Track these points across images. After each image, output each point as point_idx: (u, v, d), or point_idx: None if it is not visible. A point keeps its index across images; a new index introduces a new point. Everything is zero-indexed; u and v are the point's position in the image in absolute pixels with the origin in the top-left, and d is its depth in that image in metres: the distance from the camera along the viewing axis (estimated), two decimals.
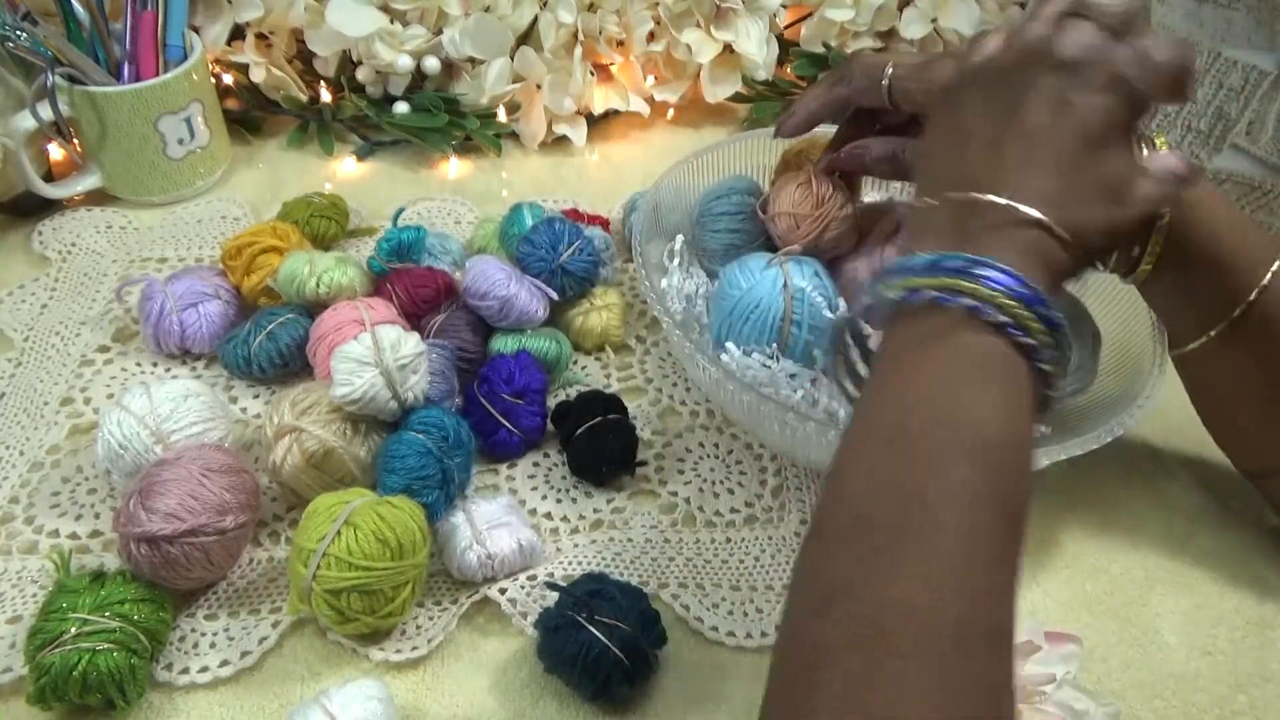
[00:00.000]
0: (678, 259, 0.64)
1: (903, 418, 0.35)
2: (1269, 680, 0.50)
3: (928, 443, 0.34)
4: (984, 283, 0.36)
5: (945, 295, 0.36)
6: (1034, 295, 0.36)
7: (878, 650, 0.30)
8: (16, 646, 0.46)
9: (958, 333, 0.36)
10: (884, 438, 0.35)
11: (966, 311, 0.35)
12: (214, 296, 0.62)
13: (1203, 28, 0.74)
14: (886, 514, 0.33)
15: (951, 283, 0.36)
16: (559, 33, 0.81)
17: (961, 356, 0.36)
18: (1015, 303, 0.35)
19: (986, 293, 0.35)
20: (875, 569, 0.32)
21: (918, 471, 0.34)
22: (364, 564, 0.45)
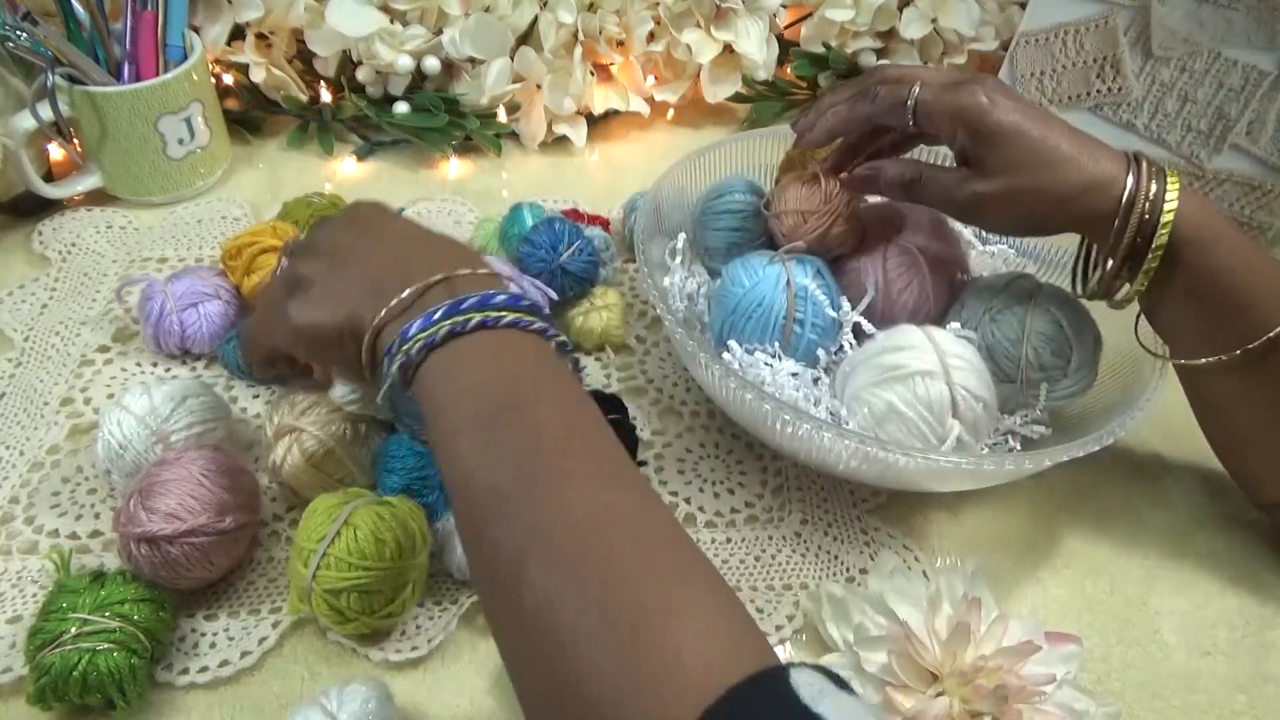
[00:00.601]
0: (679, 257, 0.64)
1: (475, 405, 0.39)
2: (1269, 680, 0.50)
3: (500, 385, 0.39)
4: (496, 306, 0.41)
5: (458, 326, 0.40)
6: (535, 304, 0.42)
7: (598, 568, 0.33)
8: (16, 646, 0.46)
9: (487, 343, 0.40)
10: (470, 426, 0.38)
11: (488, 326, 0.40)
12: (214, 296, 0.62)
13: (1203, 28, 0.74)
14: (515, 476, 0.36)
15: (466, 316, 0.40)
16: (559, 33, 0.81)
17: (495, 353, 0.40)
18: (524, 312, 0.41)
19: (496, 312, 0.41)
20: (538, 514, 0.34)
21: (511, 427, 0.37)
22: (363, 564, 0.45)
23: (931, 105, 0.51)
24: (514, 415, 0.37)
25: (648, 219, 0.61)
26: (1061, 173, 0.49)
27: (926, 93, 0.52)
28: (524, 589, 0.33)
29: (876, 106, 0.54)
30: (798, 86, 0.91)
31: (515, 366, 0.40)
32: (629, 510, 0.35)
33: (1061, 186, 0.49)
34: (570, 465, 0.36)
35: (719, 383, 0.53)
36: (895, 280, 0.59)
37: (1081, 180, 0.49)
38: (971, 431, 0.51)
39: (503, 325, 0.40)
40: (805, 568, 0.53)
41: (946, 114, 0.51)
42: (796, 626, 0.50)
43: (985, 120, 0.50)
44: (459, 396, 0.39)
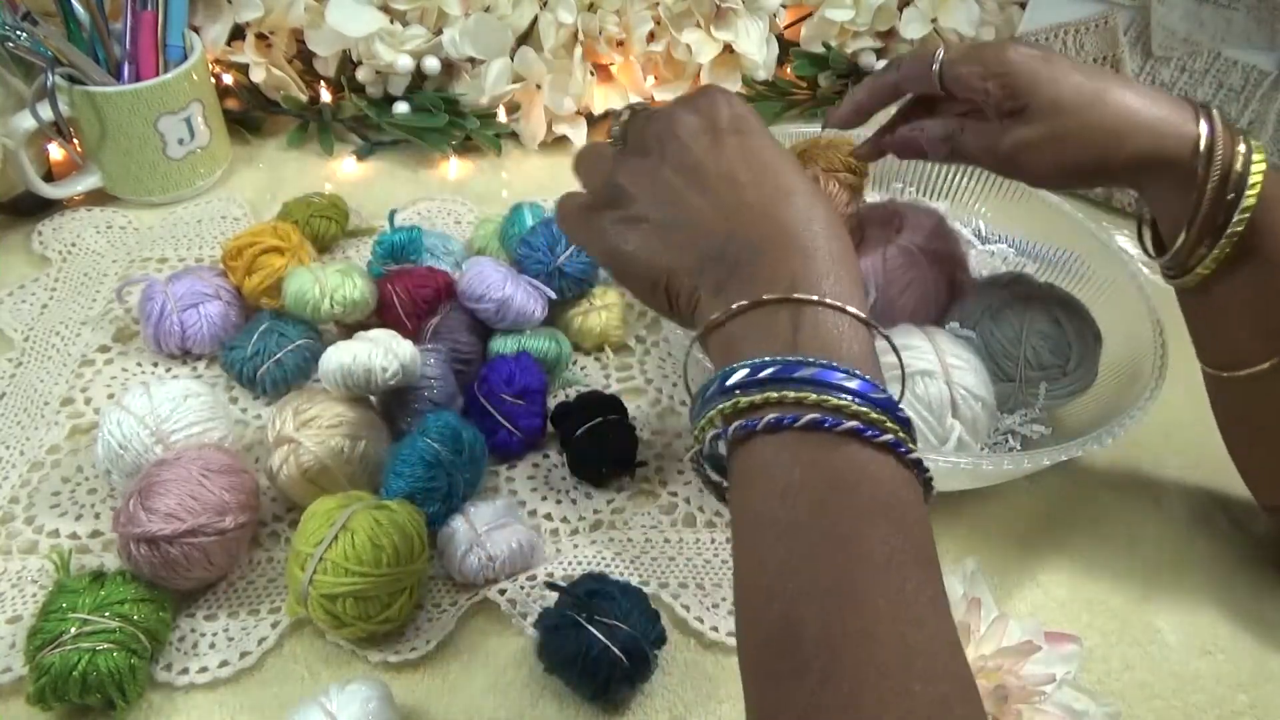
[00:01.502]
0: None
1: (790, 512, 0.31)
2: (1269, 680, 0.50)
3: (824, 523, 0.31)
4: (835, 393, 0.32)
5: (791, 416, 0.32)
6: (887, 400, 0.32)
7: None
8: (16, 646, 0.46)
9: (818, 452, 0.32)
10: (779, 535, 0.32)
11: (823, 428, 0.32)
12: (215, 297, 0.62)
13: (1203, 28, 0.74)
14: (816, 625, 0.30)
15: (800, 395, 0.32)
16: (559, 33, 0.81)
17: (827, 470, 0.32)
18: (869, 409, 0.32)
19: (836, 402, 0.32)
20: (830, 697, 0.29)
21: (824, 563, 0.31)
22: (360, 570, 0.45)
23: (958, 63, 0.49)
24: (828, 557, 0.31)
25: None
26: (1113, 109, 0.46)
27: (952, 52, 0.50)
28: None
29: (902, 73, 0.52)
30: (798, 86, 0.91)
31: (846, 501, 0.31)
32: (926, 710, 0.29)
33: (1113, 121, 0.46)
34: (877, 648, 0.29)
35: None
36: (895, 280, 0.59)
37: (1137, 117, 0.45)
38: (971, 431, 0.51)
39: (841, 432, 0.31)
40: None
41: (975, 70, 0.48)
42: None
43: (1018, 68, 0.47)
44: (769, 497, 0.32)
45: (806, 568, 0.31)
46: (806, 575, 0.31)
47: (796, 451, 0.32)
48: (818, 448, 0.32)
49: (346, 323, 0.61)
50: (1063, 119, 0.46)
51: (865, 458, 0.32)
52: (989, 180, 0.67)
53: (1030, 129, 0.47)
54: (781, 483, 0.32)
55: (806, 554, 0.31)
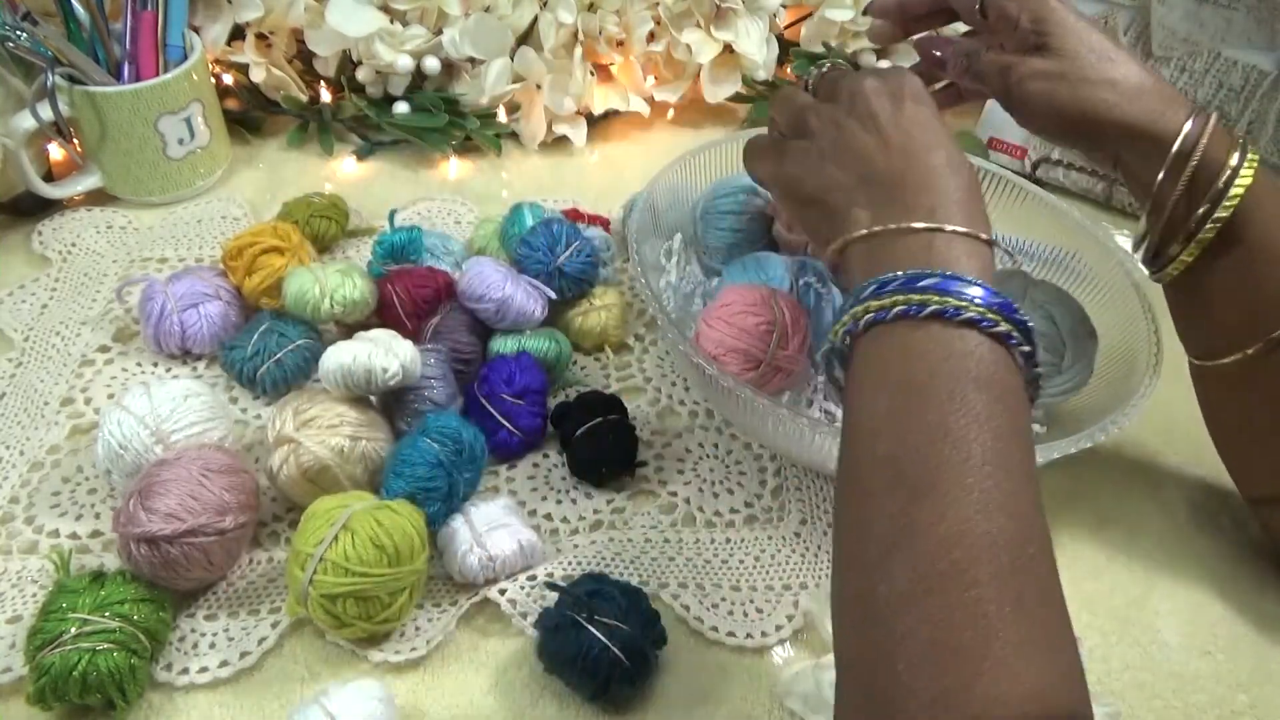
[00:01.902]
0: (675, 258, 0.64)
1: (906, 374, 0.37)
2: (1269, 680, 0.50)
3: (935, 383, 0.36)
4: (958, 295, 0.37)
5: (917, 306, 0.37)
6: (1006, 302, 0.37)
7: (951, 587, 0.32)
8: (16, 646, 0.46)
9: (937, 335, 0.37)
10: (891, 392, 0.37)
11: (943, 317, 0.37)
12: (215, 297, 0.62)
13: (1203, 28, 0.74)
14: (916, 455, 0.35)
15: (924, 298, 0.37)
16: (559, 33, 0.81)
17: (943, 346, 0.37)
18: (988, 310, 0.37)
19: (957, 303, 0.37)
20: (922, 511, 0.33)
21: (933, 410, 0.35)
22: (360, 570, 0.45)
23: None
24: (936, 405, 0.35)
25: (642, 220, 0.61)
26: (1121, 72, 0.49)
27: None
28: (879, 575, 0.33)
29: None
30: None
31: (955, 368, 0.36)
32: (1008, 538, 0.33)
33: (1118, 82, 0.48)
34: (969, 477, 0.34)
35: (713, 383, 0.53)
36: None
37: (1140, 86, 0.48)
38: None
39: (959, 321, 0.37)
40: (805, 568, 0.53)
41: (1014, 2, 0.51)
42: (796, 626, 0.50)
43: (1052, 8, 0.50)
44: (889, 365, 0.37)
45: (915, 410, 0.36)
46: (915, 417, 0.35)
47: (917, 333, 0.37)
48: (939, 332, 0.37)
49: (346, 323, 0.61)
50: (1076, 63, 0.49)
51: (976, 342, 0.36)
52: (988, 180, 0.67)
53: (1044, 62, 0.50)
54: (900, 350, 0.37)
55: (916, 402, 0.36)
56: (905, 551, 0.33)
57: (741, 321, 0.52)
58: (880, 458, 0.36)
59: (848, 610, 0.35)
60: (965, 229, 0.40)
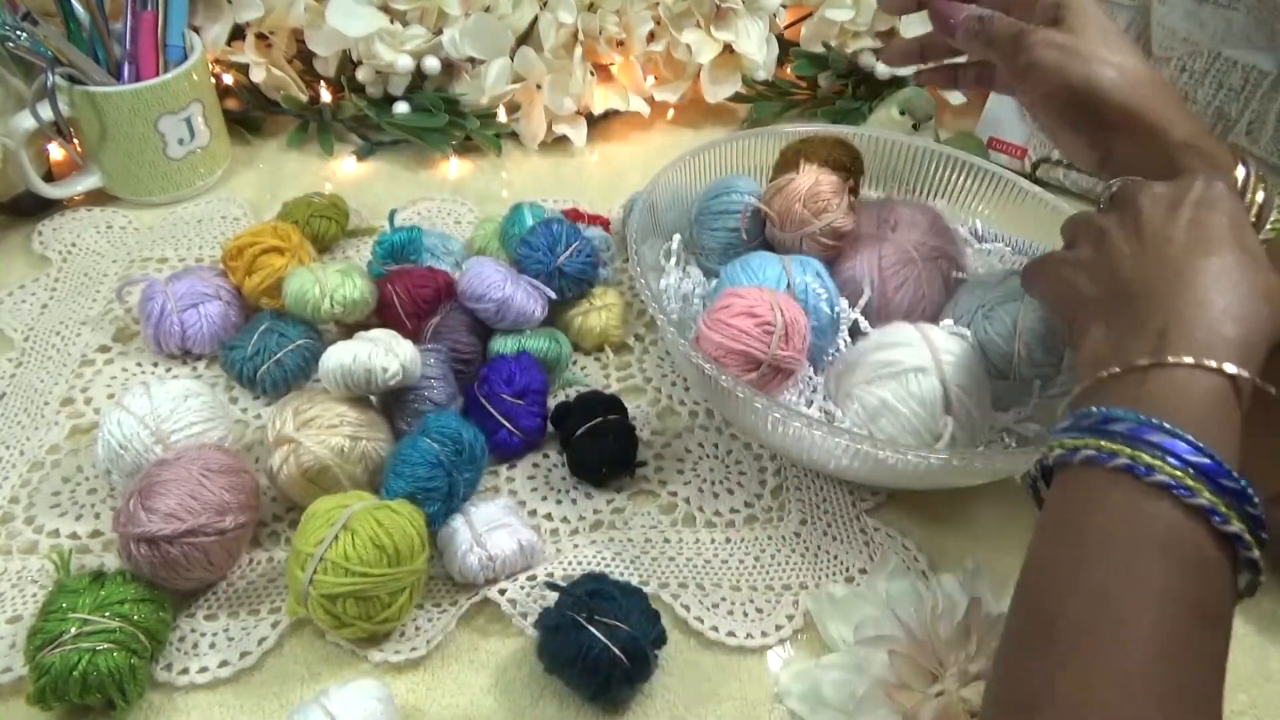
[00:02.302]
0: (674, 258, 0.64)
1: (1081, 524, 0.35)
2: (1269, 680, 0.50)
3: (1111, 537, 0.33)
4: (1152, 449, 0.34)
5: (1106, 455, 0.34)
6: (1215, 465, 0.33)
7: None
8: (16, 646, 0.46)
9: (1125, 492, 0.34)
10: (1067, 540, 0.35)
11: (1133, 474, 0.34)
12: (215, 297, 0.62)
13: (1203, 28, 0.74)
14: (1073, 612, 0.33)
15: (1114, 447, 0.34)
16: (559, 33, 0.81)
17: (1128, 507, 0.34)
18: (1187, 474, 0.33)
19: (1149, 460, 0.33)
20: (1070, 673, 0.32)
21: (1102, 566, 0.33)
22: (360, 570, 0.45)
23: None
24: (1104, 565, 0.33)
25: (642, 220, 0.61)
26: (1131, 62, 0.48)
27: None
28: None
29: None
30: (798, 86, 0.91)
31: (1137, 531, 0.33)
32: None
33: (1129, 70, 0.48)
34: (1118, 654, 0.31)
35: (712, 383, 0.53)
36: (891, 278, 0.59)
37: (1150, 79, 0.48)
38: (965, 428, 0.51)
39: (1151, 483, 0.33)
40: (805, 568, 0.53)
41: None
42: (796, 626, 0.50)
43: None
44: (1069, 511, 0.36)
45: (1082, 565, 0.33)
46: (1080, 573, 0.33)
47: (1102, 486, 0.35)
48: (1127, 488, 0.34)
49: (346, 323, 0.61)
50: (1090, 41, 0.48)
51: (1169, 509, 0.33)
52: (988, 180, 0.67)
53: (1060, 35, 0.49)
54: (1083, 500, 0.35)
55: (1085, 556, 0.34)
56: (1046, 709, 0.31)
57: (741, 322, 0.52)
58: (1044, 609, 0.34)
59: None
60: (1192, 359, 0.35)
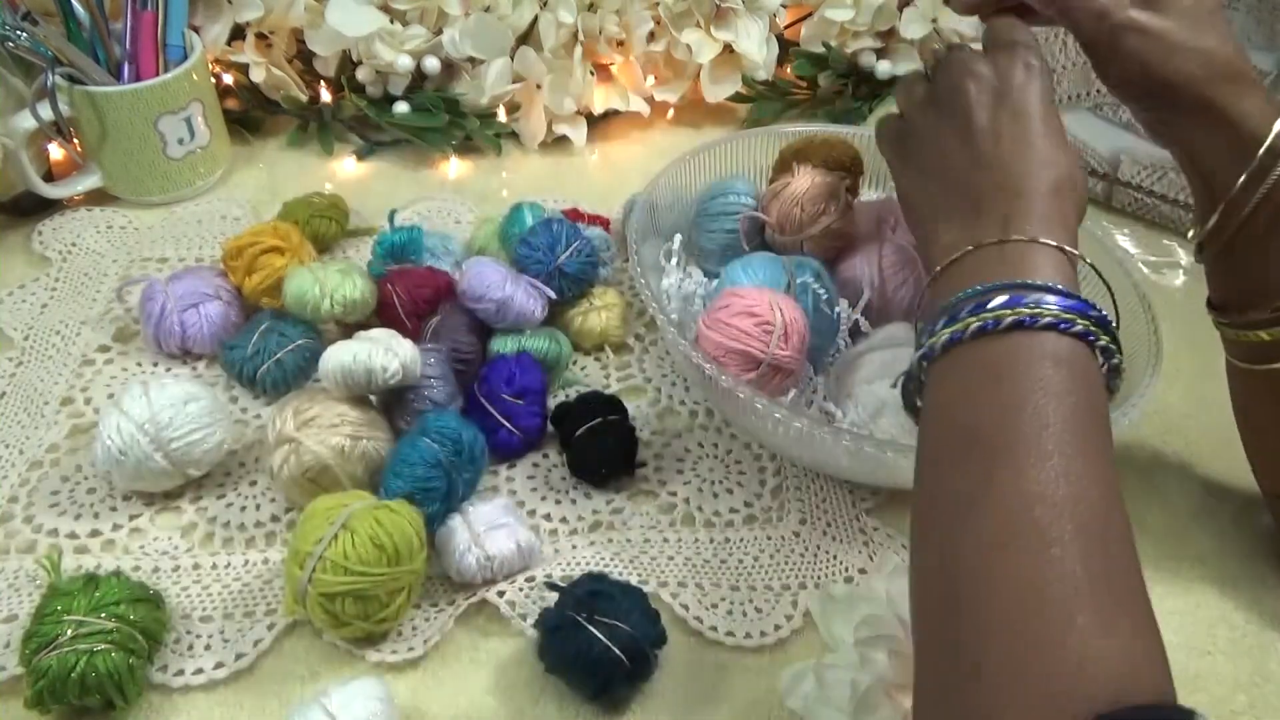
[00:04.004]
0: (675, 259, 0.64)
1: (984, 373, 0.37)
2: (1269, 680, 0.50)
3: (1014, 369, 0.37)
4: (1033, 304, 0.37)
5: (992, 321, 0.37)
6: (1082, 303, 0.38)
7: (1034, 544, 0.32)
8: (11, 646, 0.46)
9: (1017, 341, 0.37)
10: (970, 385, 0.38)
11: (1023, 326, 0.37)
12: (215, 297, 0.62)
13: None
14: (992, 424, 0.35)
15: (999, 314, 0.37)
16: (559, 33, 0.81)
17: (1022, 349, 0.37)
18: (1064, 312, 0.37)
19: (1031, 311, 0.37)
20: (1001, 470, 0.34)
21: (1008, 388, 0.36)
22: (360, 569, 0.45)
23: None
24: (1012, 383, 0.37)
25: (642, 220, 0.61)
26: (1225, 48, 0.47)
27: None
28: (962, 532, 0.34)
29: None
30: (798, 86, 0.91)
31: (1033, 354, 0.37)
32: (1090, 506, 0.34)
33: (1218, 55, 0.46)
34: (1049, 444, 0.35)
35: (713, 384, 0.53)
36: (891, 278, 0.59)
37: (1240, 67, 0.47)
38: None
39: (1039, 327, 0.37)
40: (805, 568, 0.53)
41: None
42: (796, 626, 0.50)
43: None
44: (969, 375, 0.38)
45: (990, 388, 0.37)
46: (990, 394, 0.36)
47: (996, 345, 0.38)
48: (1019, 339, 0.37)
49: (346, 323, 0.61)
50: (1179, 24, 0.47)
51: (1054, 340, 0.37)
52: None
53: (1147, 17, 0.47)
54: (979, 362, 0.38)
55: (992, 382, 0.37)
56: (986, 505, 0.34)
57: (740, 322, 0.52)
58: (958, 427, 0.37)
59: (930, 578, 0.35)
60: (1034, 238, 0.40)
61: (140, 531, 0.53)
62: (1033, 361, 0.37)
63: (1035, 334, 0.37)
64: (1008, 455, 0.34)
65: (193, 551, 0.52)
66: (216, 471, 0.56)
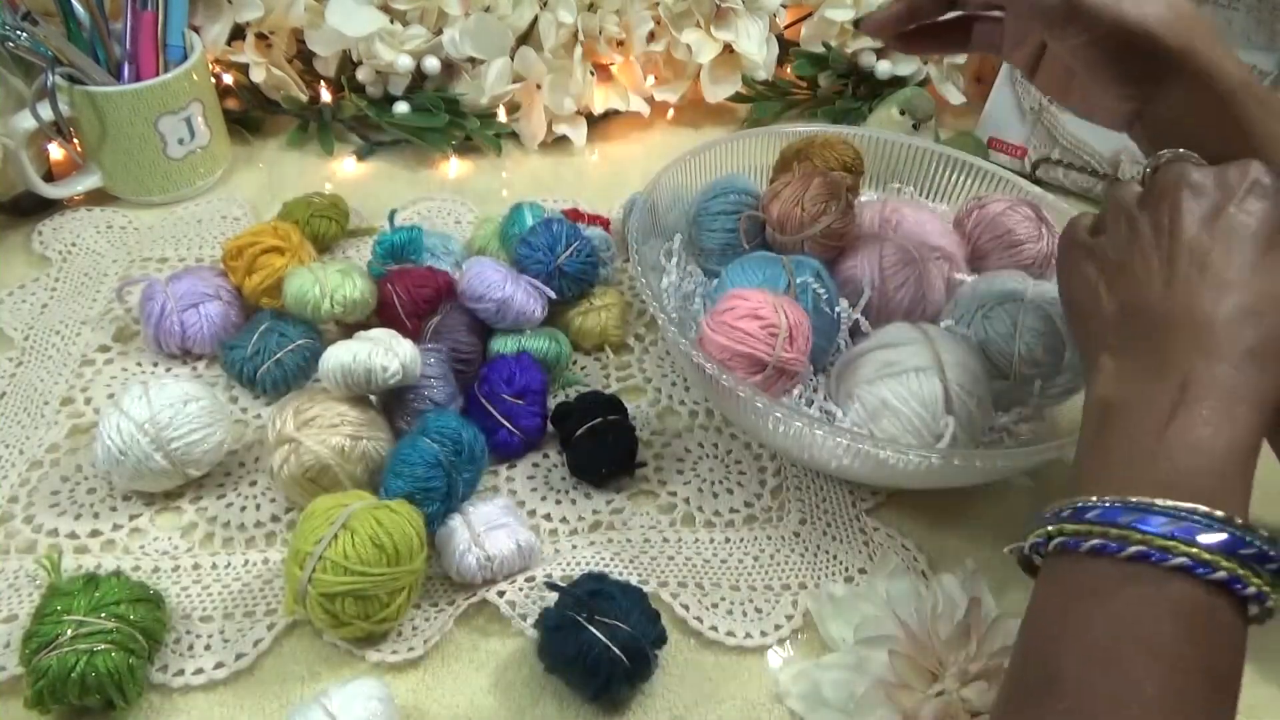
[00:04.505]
0: (675, 258, 0.64)
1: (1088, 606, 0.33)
2: (1269, 680, 0.50)
3: (1118, 602, 0.32)
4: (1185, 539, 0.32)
5: (1114, 544, 0.32)
6: (1240, 537, 0.32)
7: None
8: (11, 646, 0.46)
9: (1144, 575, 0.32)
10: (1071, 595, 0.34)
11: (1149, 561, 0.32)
12: (215, 297, 0.62)
13: None
14: (1076, 668, 0.31)
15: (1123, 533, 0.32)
16: (559, 33, 0.81)
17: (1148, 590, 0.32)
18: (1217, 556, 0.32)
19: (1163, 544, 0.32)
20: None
21: (1109, 624, 0.32)
22: (360, 569, 0.45)
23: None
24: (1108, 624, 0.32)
25: (642, 220, 0.61)
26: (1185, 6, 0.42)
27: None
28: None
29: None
30: (798, 86, 0.91)
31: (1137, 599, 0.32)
32: None
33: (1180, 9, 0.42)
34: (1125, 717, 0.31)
35: (714, 383, 0.53)
36: (891, 278, 0.59)
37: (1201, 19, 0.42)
38: (965, 427, 0.51)
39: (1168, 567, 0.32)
40: (804, 568, 0.53)
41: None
42: (796, 626, 0.50)
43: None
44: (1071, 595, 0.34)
45: (1087, 627, 0.32)
46: (1086, 635, 0.32)
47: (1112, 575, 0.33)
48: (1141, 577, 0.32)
49: (346, 322, 0.61)
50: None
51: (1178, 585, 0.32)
52: (987, 180, 0.67)
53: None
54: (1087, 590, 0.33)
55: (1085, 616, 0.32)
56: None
57: (746, 325, 0.52)
58: (1040, 660, 0.33)
59: None
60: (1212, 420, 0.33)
61: (140, 531, 0.53)
62: (1145, 606, 0.31)
63: (1161, 574, 0.31)
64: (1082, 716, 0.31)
65: (193, 551, 0.52)
66: (216, 471, 0.56)
